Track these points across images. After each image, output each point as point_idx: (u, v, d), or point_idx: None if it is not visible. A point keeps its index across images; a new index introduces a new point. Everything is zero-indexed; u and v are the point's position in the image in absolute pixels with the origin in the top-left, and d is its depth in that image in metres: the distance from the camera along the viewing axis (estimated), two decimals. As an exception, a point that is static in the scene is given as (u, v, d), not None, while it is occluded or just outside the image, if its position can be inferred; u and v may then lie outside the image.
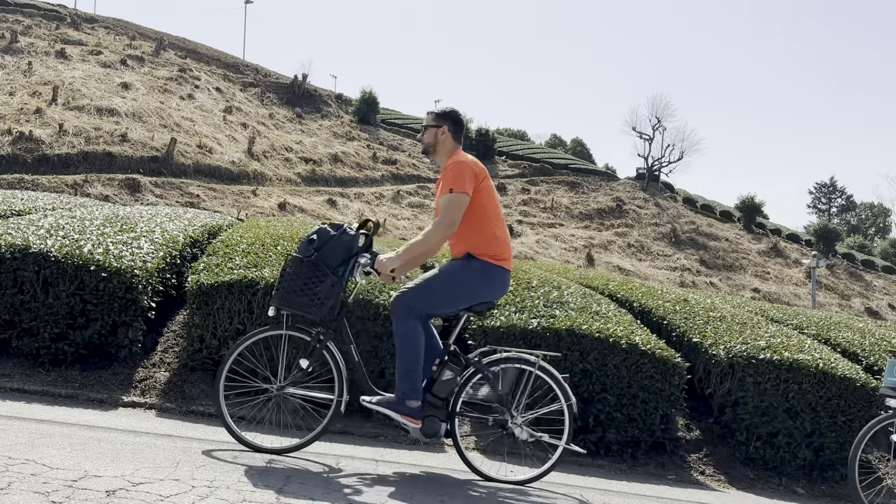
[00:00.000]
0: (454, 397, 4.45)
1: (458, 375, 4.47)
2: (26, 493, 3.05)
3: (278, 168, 34.06)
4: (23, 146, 25.47)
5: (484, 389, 4.51)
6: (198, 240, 7.91)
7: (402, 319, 4.34)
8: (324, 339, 4.42)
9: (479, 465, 4.60)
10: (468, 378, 4.49)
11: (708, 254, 37.26)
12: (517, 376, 4.55)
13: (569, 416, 4.48)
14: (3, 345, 5.80)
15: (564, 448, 4.51)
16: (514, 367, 4.54)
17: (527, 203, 40.38)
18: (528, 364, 4.52)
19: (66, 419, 4.71)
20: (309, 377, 4.49)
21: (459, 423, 4.55)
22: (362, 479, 4.16)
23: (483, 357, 4.57)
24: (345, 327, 4.52)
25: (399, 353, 4.35)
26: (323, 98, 50.79)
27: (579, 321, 6.10)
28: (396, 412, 4.31)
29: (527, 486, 4.54)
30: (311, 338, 4.44)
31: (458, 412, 4.48)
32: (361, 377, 4.48)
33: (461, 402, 4.48)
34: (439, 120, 4.61)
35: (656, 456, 6.05)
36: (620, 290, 8.74)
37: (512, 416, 4.50)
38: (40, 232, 6.24)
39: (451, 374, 4.45)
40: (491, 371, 4.49)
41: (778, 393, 6.10)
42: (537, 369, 4.51)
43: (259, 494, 3.50)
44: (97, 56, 39.75)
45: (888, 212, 75.85)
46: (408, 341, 4.31)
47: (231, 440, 4.49)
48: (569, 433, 4.50)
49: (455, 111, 4.68)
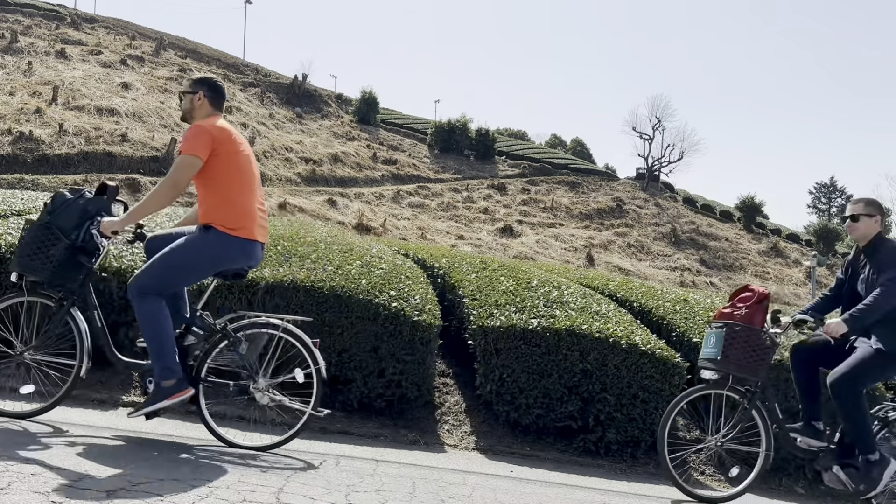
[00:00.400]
0: (198, 363, 4.43)
1: (201, 341, 4.46)
2: (26, 493, 3.05)
3: (278, 168, 34.07)
4: (23, 146, 25.47)
5: (230, 355, 4.48)
6: (198, 240, 7.91)
7: (139, 301, 4.27)
8: (66, 304, 4.41)
9: (224, 433, 4.52)
10: (215, 344, 4.45)
11: (708, 254, 37.28)
12: (266, 342, 4.53)
13: (317, 380, 4.44)
14: (3, 345, 5.80)
15: (312, 414, 4.45)
16: (261, 331, 4.51)
17: (527, 203, 40.38)
18: (274, 328, 4.48)
19: (66, 419, 4.71)
20: (53, 343, 4.47)
21: (204, 389, 4.45)
22: (362, 478, 4.16)
23: (231, 323, 4.52)
24: (90, 293, 4.47)
25: (144, 334, 4.30)
26: (323, 98, 50.80)
27: (579, 321, 6.10)
28: (161, 401, 4.24)
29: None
30: (53, 303, 4.44)
31: (203, 378, 4.43)
32: (105, 343, 4.45)
33: (206, 369, 4.43)
34: (196, 86, 4.52)
35: (656, 456, 6.04)
36: (620, 290, 8.74)
37: (254, 382, 4.47)
38: (40, 232, 6.23)
39: (194, 339, 4.45)
40: (237, 337, 4.45)
41: (779, 392, 6.09)
42: (282, 332, 4.46)
43: (259, 494, 3.50)
44: (97, 56, 39.77)
45: (888, 212, 75.97)
46: (149, 321, 4.24)
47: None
48: (316, 398, 4.45)
49: (212, 78, 4.61)
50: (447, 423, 6.15)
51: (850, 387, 4.62)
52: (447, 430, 6.05)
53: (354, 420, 5.77)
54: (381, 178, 39.57)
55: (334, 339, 5.79)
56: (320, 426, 5.49)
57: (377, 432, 5.62)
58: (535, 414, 5.93)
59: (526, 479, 4.96)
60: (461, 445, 5.77)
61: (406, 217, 33.54)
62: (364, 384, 5.83)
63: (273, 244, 6.97)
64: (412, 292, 6.29)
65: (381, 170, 40.36)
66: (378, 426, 5.76)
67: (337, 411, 5.81)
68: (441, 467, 4.90)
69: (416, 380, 5.87)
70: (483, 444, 5.83)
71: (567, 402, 5.92)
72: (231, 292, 5.84)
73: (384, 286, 6.16)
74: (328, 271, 6.22)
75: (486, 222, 35.38)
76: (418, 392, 5.92)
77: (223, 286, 5.76)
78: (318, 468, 4.25)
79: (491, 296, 6.75)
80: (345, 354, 5.80)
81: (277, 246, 6.92)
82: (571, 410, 5.93)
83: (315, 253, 6.85)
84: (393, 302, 5.92)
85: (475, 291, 6.98)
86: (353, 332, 5.80)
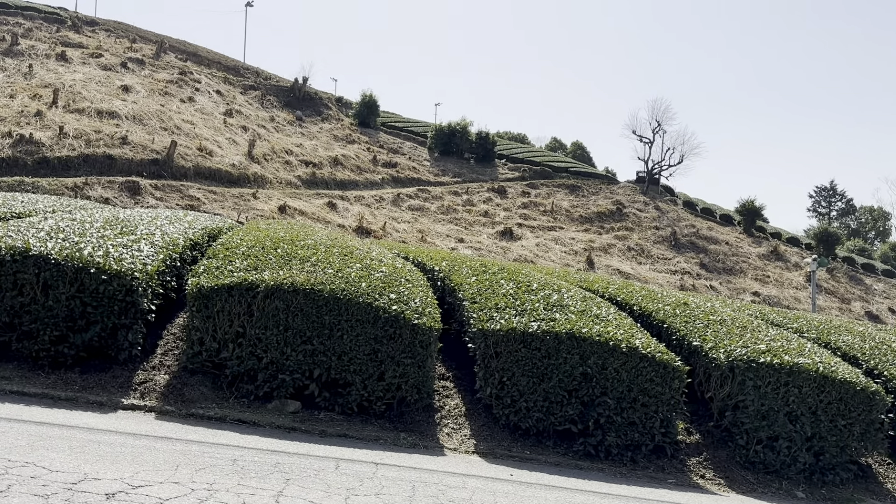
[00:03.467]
0: None
1: None
2: (26, 496, 3.06)
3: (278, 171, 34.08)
4: (23, 149, 25.49)
5: None
6: (198, 242, 7.91)
7: None
8: None
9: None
10: None
11: (708, 257, 37.29)
12: None
13: None
14: (2, 347, 5.79)
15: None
16: None
17: (527, 206, 40.39)
18: None
19: (66, 422, 4.70)
20: None
21: None
22: (362, 482, 4.16)
23: None
24: None
25: None
26: (323, 101, 50.85)
27: (579, 324, 6.10)
28: None
29: (536, 487, 4.53)
30: None
31: None
32: None
33: None
34: None
35: (656, 459, 6.04)
36: (620, 293, 8.74)
37: None
38: (40, 234, 6.24)
39: None
40: None
41: (778, 397, 6.09)
42: None
43: (258, 497, 3.50)
44: (98, 59, 39.80)
45: (888, 215, 75.95)
46: None
47: (232, 443, 4.49)
48: None
49: None
50: (447, 427, 6.14)
51: None
52: (447, 433, 6.04)
53: (354, 423, 5.76)
54: (381, 182, 39.59)
55: (334, 342, 5.79)
56: (320, 429, 5.49)
57: (377, 435, 5.61)
58: (535, 417, 5.92)
59: (526, 482, 4.95)
60: (461, 449, 5.76)
61: (406, 220, 33.54)
62: (363, 387, 5.83)
63: (273, 247, 6.98)
64: (412, 295, 6.29)
65: (382, 173, 40.38)
66: (377, 429, 5.75)
67: (336, 414, 5.81)
68: (441, 471, 4.89)
69: (415, 383, 5.87)
70: (483, 447, 5.82)
71: (567, 405, 5.92)
72: (231, 296, 5.82)
73: (384, 289, 6.16)
74: (328, 274, 6.22)
75: (486, 225, 35.39)
76: (418, 395, 5.92)
77: None
78: (319, 471, 4.25)
79: (491, 299, 6.75)
80: (344, 357, 5.80)
81: (277, 249, 6.92)
82: (571, 414, 5.92)
83: (315, 256, 6.86)
84: (393, 305, 5.92)
85: (475, 294, 6.98)
86: (353, 334, 5.80)
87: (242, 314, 5.83)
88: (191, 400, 5.70)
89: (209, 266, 6.27)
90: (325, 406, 5.85)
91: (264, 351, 5.80)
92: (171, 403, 5.60)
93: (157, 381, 5.89)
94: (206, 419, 5.40)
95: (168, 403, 5.59)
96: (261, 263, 6.34)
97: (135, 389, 5.73)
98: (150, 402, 5.59)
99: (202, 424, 5.26)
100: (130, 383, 5.79)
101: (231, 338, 5.83)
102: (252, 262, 6.35)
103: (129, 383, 5.79)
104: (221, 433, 5.03)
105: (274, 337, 5.78)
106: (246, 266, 6.24)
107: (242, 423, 5.37)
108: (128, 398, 5.59)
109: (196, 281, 5.94)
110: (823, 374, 6.14)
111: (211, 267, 6.25)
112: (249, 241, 7.16)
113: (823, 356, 6.58)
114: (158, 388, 5.78)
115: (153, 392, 5.73)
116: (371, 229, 29.32)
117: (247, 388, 5.81)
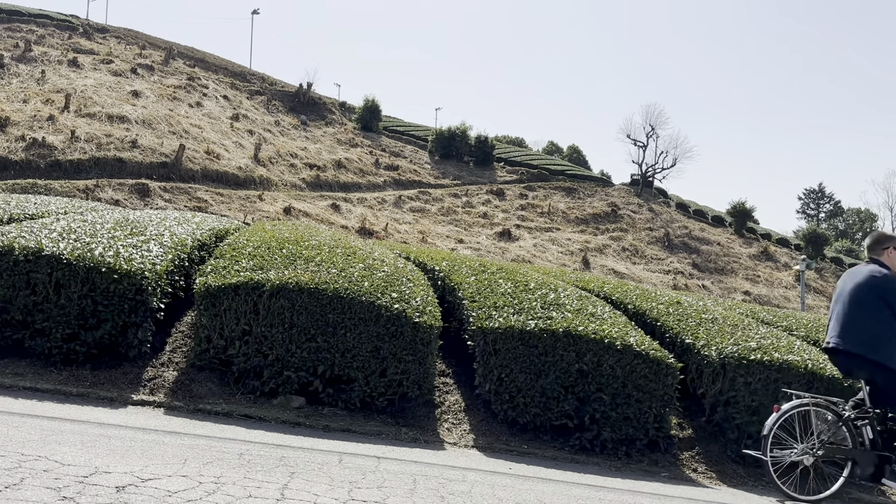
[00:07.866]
0: None
1: None
2: (38, 489, 3.12)
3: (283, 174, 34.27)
4: (36, 152, 25.77)
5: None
6: (205, 243, 8.06)
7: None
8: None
9: None
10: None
11: (700, 257, 37.35)
12: None
13: None
14: (16, 344, 5.94)
15: None
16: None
17: (524, 208, 40.51)
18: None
19: (77, 417, 4.80)
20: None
21: None
22: (365, 475, 4.24)
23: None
24: None
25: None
26: (327, 106, 51.05)
27: (576, 322, 6.22)
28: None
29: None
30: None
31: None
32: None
33: None
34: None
35: (650, 454, 6.16)
36: (615, 292, 8.85)
37: None
38: (53, 235, 6.38)
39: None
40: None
41: (768, 393, 6.21)
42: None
43: (264, 490, 3.58)
44: (108, 65, 40.13)
45: (875, 217, 75.61)
46: None
47: (239, 438, 4.60)
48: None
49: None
50: (447, 422, 6.26)
51: None
52: (447, 428, 6.16)
53: (357, 418, 5.89)
54: (384, 184, 39.75)
55: (337, 340, 5.93)
56: (324, 424, 5.61)
57: (379, 430, 5.74)
58: (533, 413, 6.06)
59: (524, 475, 5.05)
60: (461, 443, 5.88)
61: (407, 221, 33.69)
62: (366, 383, 5.97)
63: (278, 247, 7.12)
64: (413, 294, 6.42)
65: (384, 175, 40.54)
66: (380, 424, 5.88)
67: (339, 410, 5.94)
68: (441, 464, 4.99)
69: (416, 379, 6.00)
70: (482, 441, 5.95)
71: (564, 401, 6.05)
72: (238, 294, 5.98)
73: (386, 288, 6.31)
74: (332, 274, 6.36)
75: (484, 226, 35.52)
76: (419, 391, 6.05)
77: None
78: (322, 465, 4.34)
79: (490, 298, 6.88)
80: (347, 354, 5.94)
81: (283, 249, 7.07)
82: (568, 409, 6.05)
83: (319, 256, 6.99)
84: (395, 304, 6.05)
85: (474, 294, 7.10)
86: (356, 332, 5.94)
87: (249, 312, 5.97)
88: (198, 396, 5.84)
89: (216, 266, 6.42)
90: (328, 402, 5.99)
91: (270, 348, 5.94)
92: (180, 399, 5.75)
93: (165, 377, 6.04)
94: (214, 414, 5.53)
95: (176, 399, 5.74)
96: (266, 263, 6.48)
97: (144, 385, 5.88)
98: (159, 397, 5.74)
99: (209, 419, 5.39)
100: (140, 379, 5.94)
101: (238, 335, 5.98)
102: (258, 262, 6.49)
103: (138, 379, 5.94)
104: (228, 428, 5.11)
105: (279, 335, 5.92)
106: (252, 266, 6.38)
107: (248, 419, 5.49)
108: (137, 394, 5.74)
109: (204, 280, 6.09)
110: (812, 370, 6.26)
111: (218, 267, 6.39)
112: (255, 242, 7.30)
113: (812, 353, 6.70)
114: (167, 385, 5.93)
115: (162, 388, 5.88)
116: (373, 230, 29.50)
117: (253, 385, 5.96)
